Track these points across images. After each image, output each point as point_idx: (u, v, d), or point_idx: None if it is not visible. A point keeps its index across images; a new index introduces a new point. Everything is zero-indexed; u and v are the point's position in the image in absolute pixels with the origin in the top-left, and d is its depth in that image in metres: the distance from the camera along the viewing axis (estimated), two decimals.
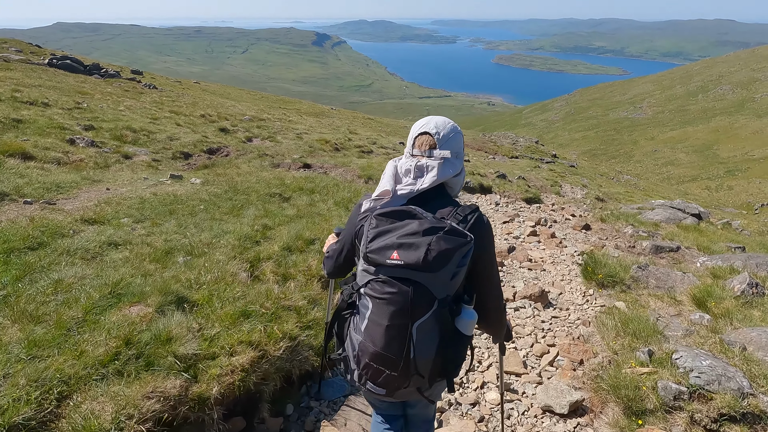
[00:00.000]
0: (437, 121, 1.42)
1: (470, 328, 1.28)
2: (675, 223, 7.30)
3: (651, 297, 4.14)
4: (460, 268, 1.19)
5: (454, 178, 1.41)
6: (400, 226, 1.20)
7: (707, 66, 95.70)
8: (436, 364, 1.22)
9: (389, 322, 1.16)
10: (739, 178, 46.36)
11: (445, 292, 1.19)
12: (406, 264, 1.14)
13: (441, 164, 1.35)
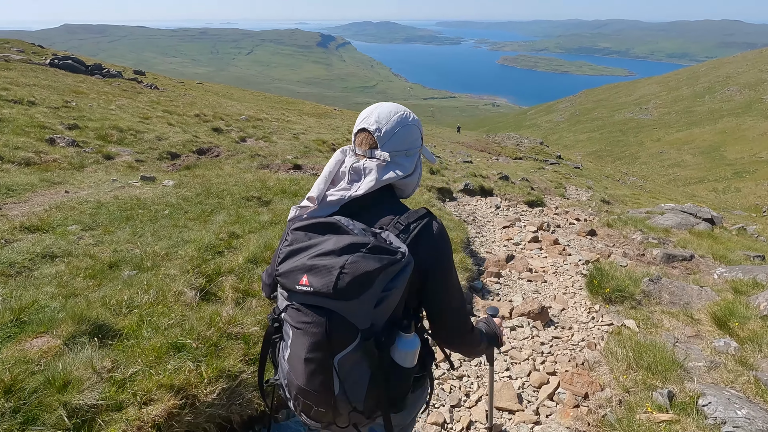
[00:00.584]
0: (380, 112, 1.16)
1: (409, 359, 1.05)
2: (687, 228, 6.83)
3: (665, 315, 3.69)
4: (388, 292, 0.96)
5: (404, 180, 1.16)
6: (316, 244, 0.99)
7: (714, 67, 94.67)
8: (373, 399, 1.04)
9: (307, 355, 0.99)
10: (746, 180, 45.64)
11: (369, 321, 0.97)
12: (316, 291, 0.94)
13: (382, 167, 1.11)
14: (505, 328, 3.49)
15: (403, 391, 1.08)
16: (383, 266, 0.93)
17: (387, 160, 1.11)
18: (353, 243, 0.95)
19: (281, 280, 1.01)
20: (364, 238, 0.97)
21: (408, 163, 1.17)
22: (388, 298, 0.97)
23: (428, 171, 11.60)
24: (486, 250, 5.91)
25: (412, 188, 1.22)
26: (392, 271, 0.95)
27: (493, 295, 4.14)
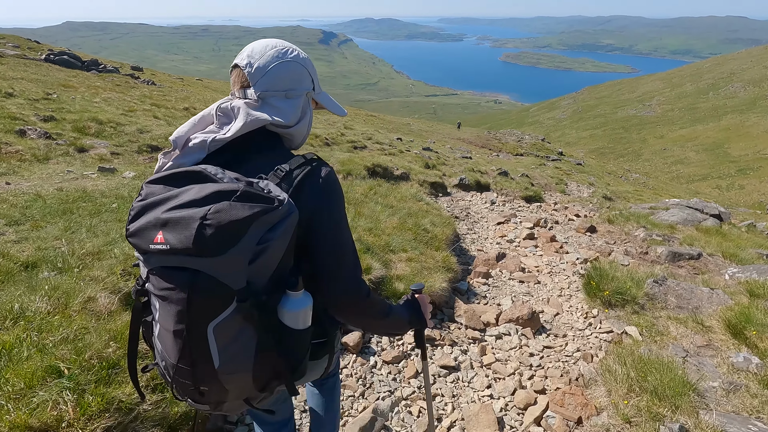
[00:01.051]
0: (255, 47, 1.04)
1: (300, 319, 0.92)
2: (693, 225, 6.40)
3: (671, 321, 3.28)
4: (265, 245, 0.83)
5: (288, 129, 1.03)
6: (174, 196, 0.83)
7: (718, 63, 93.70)
8: (266, 368, 0.92)
9: (175, 327, 0.85)
10: (750, 177, 45.09)
11: (244, 280, 0.83)
12: (173, 249, 0.79)
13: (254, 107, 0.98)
14: (489, 336, 3.09)
15: (300, 354, 0.96)
16: (255, 214, 0.80)
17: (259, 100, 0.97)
18: (219, 191, 0.81)
19: (133, 240, 0.85)
20: (233, 185, 0.82)
21: (288, 108, 1.01)
22: (265, 253, 0.83)
23: (423, 165, 11.18)
24: (477, 247, 5.50)
25: (300, 138, 1.07)
26: (268, 220, 0.82)
27: (480, 297, 3.73)
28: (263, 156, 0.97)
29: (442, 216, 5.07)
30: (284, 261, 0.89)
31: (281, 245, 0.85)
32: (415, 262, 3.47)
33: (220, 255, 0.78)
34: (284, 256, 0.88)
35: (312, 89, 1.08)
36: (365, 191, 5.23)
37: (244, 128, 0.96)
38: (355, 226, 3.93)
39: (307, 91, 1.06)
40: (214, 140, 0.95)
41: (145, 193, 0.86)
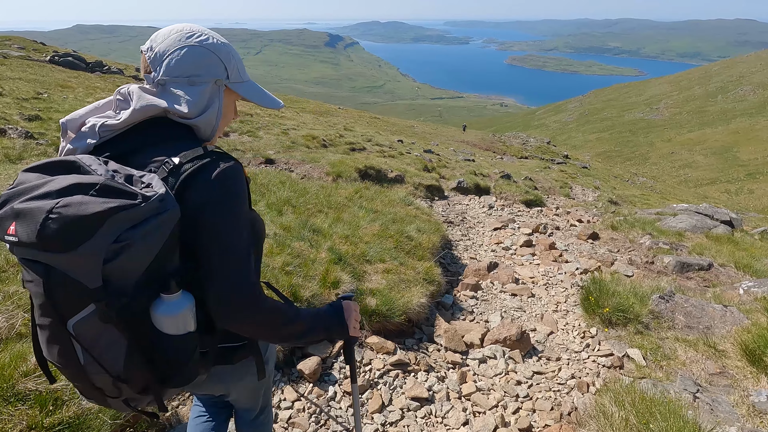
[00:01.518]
0: (161, 31, 0.96)
1: (172, 325, 0.85)
2: (703, 232, 6.01)
3: (679, 343, 2.91)
4: (123, 243, 0.76)
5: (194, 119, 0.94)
6: (38, 186, 0.77)
7: (727, 66, 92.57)
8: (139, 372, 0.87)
9: (39, 320, 0.83)
10: (760, 182, 44.31)
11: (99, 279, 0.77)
12: (21, 242, 0.74)
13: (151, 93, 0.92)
14: (472, 360, 2.74)
15: (177, 364, 0.90)
16: (109, 210, 0.74)
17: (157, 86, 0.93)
18: (78, 183, 0.76)
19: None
20: (95, 178, 0.77)
21: (192, 95, 0.94)
22: (126, 252, 0.77)
23: (422, 168, 10.85)
24: (470, 255, 5.15)
25: (208, 130, 0.99)
26: (127, 217, 0.76)
27: (466, 312, 3.38)
28: (162, 148, 0.90)
29: (431, 221, 4.73)
30: (161, 261, 0.83)
31: (149, 244, 0.80)
32: (393, 274, 3.14)
33: (69, 251, 0.74)
34: (160, 256, 0.82)
35: (226, 78, 0.99)
36: (350, 195, 4.91)
37: (134, 115, 0.90)
38: (330, 233, 3.60)
39: (216, 79, 0.97)
40: (104, 125, 0.90)
41: (18, 181, 0.80)
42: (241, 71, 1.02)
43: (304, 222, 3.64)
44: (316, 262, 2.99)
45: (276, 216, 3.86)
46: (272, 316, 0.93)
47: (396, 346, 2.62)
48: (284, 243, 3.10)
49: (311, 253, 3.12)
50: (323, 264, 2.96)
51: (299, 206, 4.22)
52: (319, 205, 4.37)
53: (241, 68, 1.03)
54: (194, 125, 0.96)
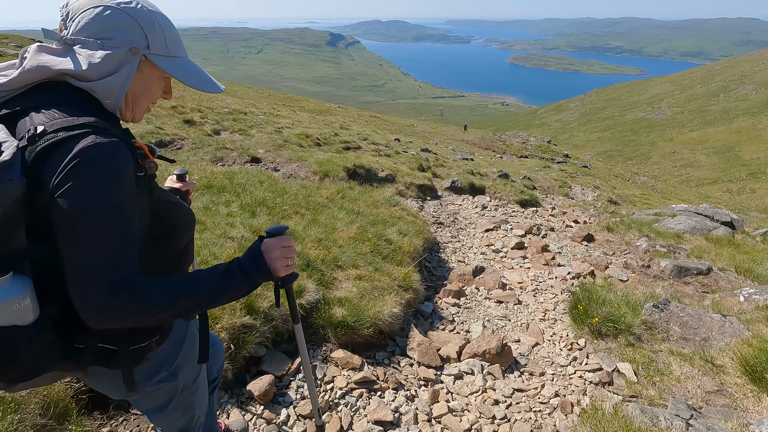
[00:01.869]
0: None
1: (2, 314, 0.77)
2: (702, 234, 5.77)
3: (674, 357, 2.68)
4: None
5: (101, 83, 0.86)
6: None
7: (729, 65, 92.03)
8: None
9: None
10: (762, 181, 43.98)
11: None
12: None
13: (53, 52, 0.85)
14: (447, 376, 2.52)
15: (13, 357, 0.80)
16: None
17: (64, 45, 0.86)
18: None
19: None
20: None
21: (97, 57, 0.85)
22: None
23: (416, 167, 10.63)
24: (459, 258, 4.93)
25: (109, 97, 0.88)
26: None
27: (446, 322, 3.16)
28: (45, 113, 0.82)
29: (416, 223, 4.50)
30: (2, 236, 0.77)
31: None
32: (366, 281, 2.91)
33: None
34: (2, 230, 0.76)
35: (146, 47, 0.90)
36: (331, 195, 4.68)
37: (23, 75, 0.84)
38: (303, 236, 3.38)
39: (132, 46, 0.88)
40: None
41: None
42: (170, 45, 0.94)
43: (275, 224, 3.42)
44: None
45: (248, 218, 3.64)
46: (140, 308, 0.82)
47: (363, 361, 2.40)
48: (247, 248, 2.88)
49: None
50: None
51: (275, 207, 4.00)
52: (296, 206, 4.15)
53: (172, 42, 0.94)
54: (90, 89, 0.87)
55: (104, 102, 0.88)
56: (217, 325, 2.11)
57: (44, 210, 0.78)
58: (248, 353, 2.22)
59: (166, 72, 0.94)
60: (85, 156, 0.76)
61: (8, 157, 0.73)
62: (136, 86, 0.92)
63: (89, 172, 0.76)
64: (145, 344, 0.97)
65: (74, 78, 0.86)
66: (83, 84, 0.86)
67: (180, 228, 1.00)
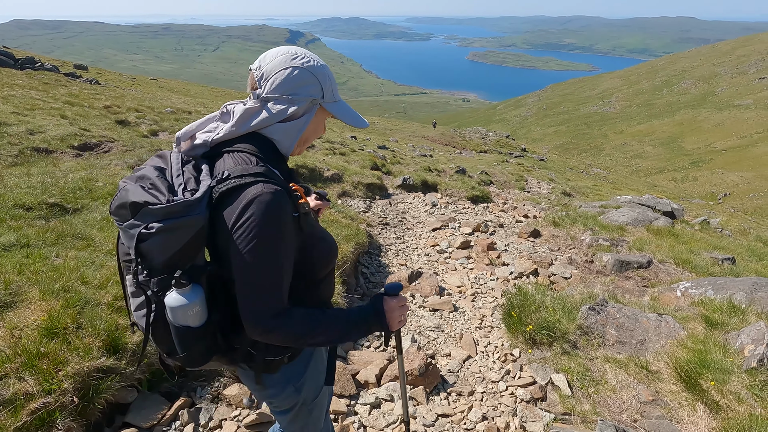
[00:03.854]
0: (269, 52, 1.10)
1: (178, 316, 0.95)
2: (644, 225, 5.79)
3: (609, 364, 2.50)
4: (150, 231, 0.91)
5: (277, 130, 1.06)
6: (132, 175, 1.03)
7: (671, 61, 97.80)
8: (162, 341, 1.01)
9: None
10: (703, 169, 46.91)
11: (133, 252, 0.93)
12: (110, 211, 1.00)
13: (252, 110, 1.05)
14: (362, 405, 2.21)
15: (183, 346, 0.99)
16: (138, 202, 0.92)
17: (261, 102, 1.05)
18: (143, 176, 0.98)
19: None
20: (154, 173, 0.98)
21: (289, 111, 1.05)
22: (153, 238, 0.91)
23: (370, 165, 10.31)
24: (401, 261, 4.65)
25: (290, 139, 1.08)
26: (150, 212, 0.91)
27: (373, 338, 2.85)
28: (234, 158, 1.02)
29: (351, 226, 4.17)
30: (182, 256, 0.94)
31: (172, 239, 0.91)
32: None
33: (121, 223, 0.95)
34: (182, 251, 0.93)
35: (321, 97, 1.08)
36: None
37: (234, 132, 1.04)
38: None
39: (313, 98, 1.07)
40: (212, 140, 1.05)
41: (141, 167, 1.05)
42: (334, 92, 1.12)
43: None
44: None
45: None
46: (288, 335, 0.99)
47: None
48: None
49: None
50: None
51: None
52: None
53: (335, 89, 1.12)
54: (272, 136, 1.06)
55: (280, 146, 1.07)
56: (60, 372, 1.69)
57: (221, 239, 0.97)
58: (111, 400, 1.81)
59: (333, 115, 1.11)
60: (255, 202, 0.93)
61: (199, 195, 0.93)
62: (309, 129, 1.10)
63: (257, 216, 0.93)
64: (278, 358, 1.13)
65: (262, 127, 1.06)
66: (266, 131, 1.05)
67: (321, 262, 1.13)
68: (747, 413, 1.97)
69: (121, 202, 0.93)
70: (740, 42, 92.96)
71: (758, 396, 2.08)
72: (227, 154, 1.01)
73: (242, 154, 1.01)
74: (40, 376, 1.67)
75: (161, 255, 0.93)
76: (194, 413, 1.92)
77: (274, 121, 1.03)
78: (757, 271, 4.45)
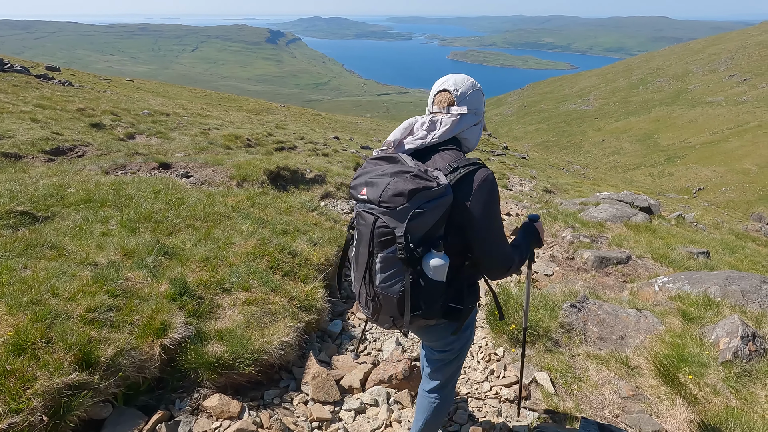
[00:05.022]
0: (456, 78, 1.50)
1: (437, 273, 1.30)
2: (623, 221, 5.92)
3: (591, 361, 2.53)
4: (421, 210, 1.24)
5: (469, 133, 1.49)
6: (376, 168, 1.35)
7: (646, 60, 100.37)
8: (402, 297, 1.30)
9: (361, 249, 1.35)
10: (678, 165, 48.28)
11: (403, 229, 1.24)
12: (369, 199, 1.29)
13: (456, 120, 1.44)
14: (347, 411, 2.18)
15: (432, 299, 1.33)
16: (417, 188, 1.23)
17: (463, 113, 1.45)
18: (401, 170, 1.29)
19: (352, 191, 1.39)
20: (410, 167, 1.29)
21: (475, 119, 1.50)
22: (421, 216, 1.24)
23: (352, 165, 10.29)
24: None
25: (475, 141, 1.54)
26: (426, 194, 1.24)
27: (356, 341, 2.83)
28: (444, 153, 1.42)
29: (333, 229, 4.13)
30: (434, 228, 1.30)
31: (434, 214, 1.27)
32: (257, 305, 2.50)
33: (392, 209, 1.24)
34: (435, 224, 1.29)
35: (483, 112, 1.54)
36: (238, 203, 4.19)
37: (446, 135, 1.43)
38: (189, 255, 2.90)
39: (483, 112, 1.53)
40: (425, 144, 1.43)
41: (364, 165, 1.42)
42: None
43: (155, 243, 2.90)
44: (148, 300, 2.29)
45: (126, 237, 3.09)
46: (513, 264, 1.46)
47: (243, 407, 2.01)
48: (108, 277, 2.37)
49: (146, 288, 2.41)
50: (157, 302, 2.27)
51: (164, 222, 3.46)
52: (192, 218, 3.63)
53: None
54: (470, 140, 1.51)
55: (468, 144, 1.51)
56: (28, 390, 1.62)
57: (458, 213, 1.32)
58: (84, 417, 1.75)
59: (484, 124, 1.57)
60: (484, 181, 1.33)
61: (445, 182, 1.28)
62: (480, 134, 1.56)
63: (487, 190, 1.34)
64: (472, 306, 1.45)
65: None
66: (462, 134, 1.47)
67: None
68: (723, 405, 2.02)
69: (398, 191, 1.22)
70: (711, 41, 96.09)
71: (733, 388, 2.13)
72: (438, 153, 1.41)
73: (451, 151, 1.41)
74: (6, 395, 1.59)
75: (423, 229, 1.26)
76: (173, 426, 1.86)
77: (469, 126, 1.46)
78: (730, 264, 4.59)
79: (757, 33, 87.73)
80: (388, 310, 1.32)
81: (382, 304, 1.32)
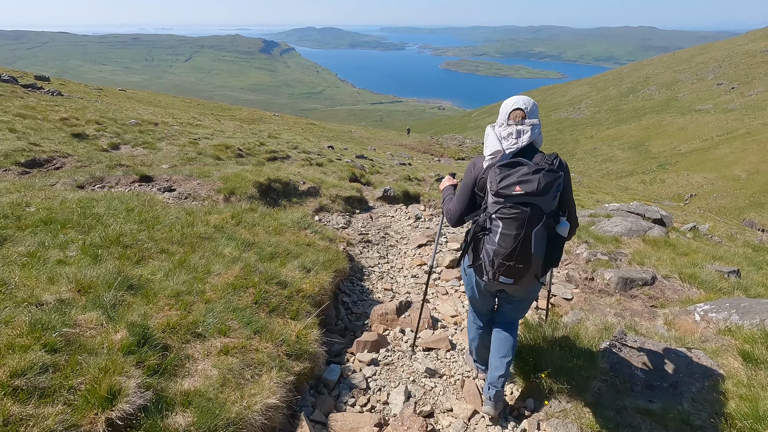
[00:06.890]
0: (524, 99, 2.10)
1: (566, 232, 2.00)
2: (639, 235, 5.52)
3: (643, 417, 2.09)
4: (557, 192, 1.91)
5: (538, 136, 2.07)
6: (516, 171, 1.88)
7: (636, 69, 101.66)
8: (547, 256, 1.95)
9: (516, 231, 1.86)
10: (669, 172, 48.47)
11: (549, 209, 1.90)
12: (526, 193, 1.83)
13: (532, 128, 2.05)
14: None
15: (560, 252, 2.01)
16: (554, 178, 1.87)
17: (535, 123, 2.08)
18: (538, 168, 1.86)
19: (502, 191, 1.87)
20: (541, 166, 1.88)
21: (539, 127, 2.08)
22: (557, 197, 1.93)
23: (348, 176, 9.86)
24: (385, 285, 4.18)
25: (540, 142, 2.09)
26: (558, 182, 1.89)
27: (358, 392, 2.36)
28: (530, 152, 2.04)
29: (329, 250, 3.68)
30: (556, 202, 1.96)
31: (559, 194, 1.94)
32: (235, 355, 2.04)
33: (544, 195, 1.85)
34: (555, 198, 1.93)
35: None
36: (222, 221, 3.73)
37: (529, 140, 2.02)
38: (158, 289, 2.43)
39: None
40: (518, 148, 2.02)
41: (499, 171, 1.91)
42: None
43: (117, 275, 2.44)
44: (98, 353, 1.82)
45: (87, 265, 2.62)
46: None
47: None
48: (49, 324, 1.90)
49: (99, 336, 1.94)
50: (109, 356, 1.80)
51: (134, 246, 2.99)
52: (167, 241, 3.16)
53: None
54: (538, 141, 2.08)
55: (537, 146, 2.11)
56: None
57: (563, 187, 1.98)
58: None
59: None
60: (567, 167, 2.02)
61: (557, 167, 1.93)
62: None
63: (569, 172, 2.04)
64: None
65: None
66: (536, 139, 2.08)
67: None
68: None
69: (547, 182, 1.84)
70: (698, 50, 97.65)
71: None
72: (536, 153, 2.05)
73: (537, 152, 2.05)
74: None
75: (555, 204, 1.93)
76: None
77: (538, 132, 2.06)
78: (763, 283, 4.20)
79: (743, 42, 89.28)
80: (535, 269, 1.91)
81: (532, 265, 1.89)
